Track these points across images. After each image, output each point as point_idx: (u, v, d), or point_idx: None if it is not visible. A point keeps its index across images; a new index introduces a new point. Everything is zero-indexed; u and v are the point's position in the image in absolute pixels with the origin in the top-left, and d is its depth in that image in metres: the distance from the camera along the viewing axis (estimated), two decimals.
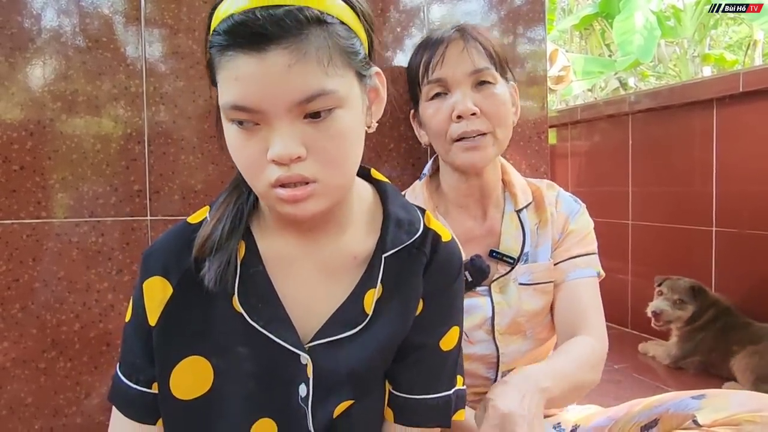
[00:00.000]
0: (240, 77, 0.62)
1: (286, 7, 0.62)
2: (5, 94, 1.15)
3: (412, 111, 1.18)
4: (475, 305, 1.06)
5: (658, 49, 7.03)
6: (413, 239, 0.77)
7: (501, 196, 1.13)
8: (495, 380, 1.07)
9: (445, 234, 0.81)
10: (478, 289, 1.07)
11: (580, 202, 1.15)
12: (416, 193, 1.14)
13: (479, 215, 1.12)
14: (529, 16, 1.46)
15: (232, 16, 0.63)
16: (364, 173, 0.83)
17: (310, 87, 0.63)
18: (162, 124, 1.23)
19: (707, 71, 7.03)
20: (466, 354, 1.04)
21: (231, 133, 0.67)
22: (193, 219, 0.78)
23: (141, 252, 1.23)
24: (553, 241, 1.11)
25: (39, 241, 1.18)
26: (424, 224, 0.79)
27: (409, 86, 1.17)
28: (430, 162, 1.18)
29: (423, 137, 1.16)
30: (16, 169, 1.16)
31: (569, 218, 1.12)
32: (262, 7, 0.62)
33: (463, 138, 1.04)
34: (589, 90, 7.80)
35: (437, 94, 1.07)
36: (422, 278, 0.78)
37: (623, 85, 7.84)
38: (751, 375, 1.94)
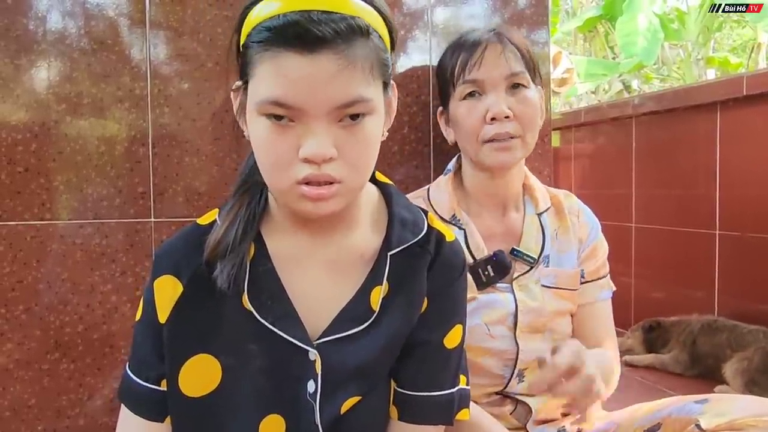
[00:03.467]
0: (287, 75, 0.65)
1: (341, 14, 0.65)
2: (10, 96, 1.16)
3: (440, 109, 1.20)
4: (497, 300, 1.07)
5: (662, 52, 7.02)
6: (418, 238, 0.79)
7: (521, 199, 1.15)
8: (510, 379, 1.08)
9: (449, 234, 0.83)
10: (500, 285, 1.08)
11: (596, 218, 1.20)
12: (440, 188, 1.15)
13: (499, 215, 1.13)
14: (533, 18, 1.46)
15: (285, 14, 0.65)
16: None
17: (352, 93, 0.66)
18: (166, 126, 1.24)
19: (711, 74, 7.02)
20: (485, 348, 1.06)
21: (261, 126, 0.69)
22: (203, 220, 0.80)
23: (145, 254, 1.24)
24: (577, 250, 1.14)
25: (43, 242, 1.18)
26: (428, 224, 0.82)
27: (439, 84, 1.18)
28: (454, 159, 1.20)
29: (450, 135, 1.17)
30: (20, 170, 1.17)
31: (591, 231, 1.16)
32: (320, 11, 0.64)
33: (494, 140, 1.06)
34: (593, 92, 7.79)
35: (470, 94, 1.09)
36: (426, 276, 0.79)
37: (627, 87, 7.84)
38: (741, 379, 1.98)
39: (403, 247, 0.78)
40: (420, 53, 1.37)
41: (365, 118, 0.69)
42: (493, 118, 1.05)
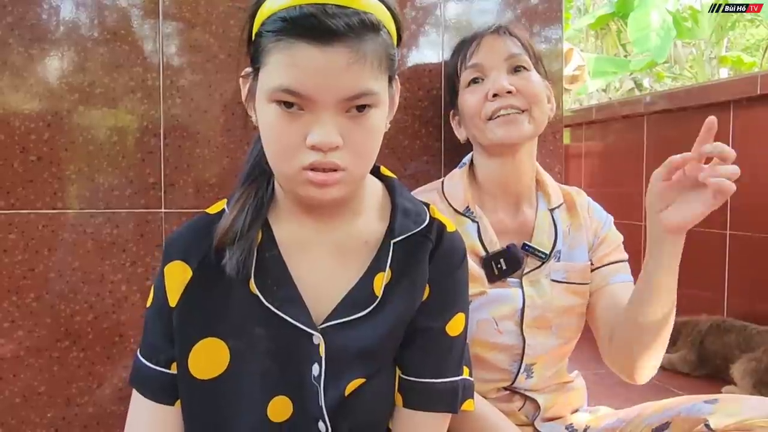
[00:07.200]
0: (300, 64, 0.67)
1: (354, 9, 0.68)
2: (24, 85, 1.16)
3: (452, 111, 1.20)
4: (506, 295, 1.07)
5: (674, 50, 6.97)
6: (420, 227, 0.82)
7: (534, 194, 1.15)
8: (517, 374, 1.08)
9: (450, 225, 0.86)
10: (510, 280, 1.08)
11: (607, 213, 1.19)
12: (455, 180, 1.15)
13: (512, 209, 1.13)
14: (546, 15, 1.45)
15: (300, 5, 0.67)
16: (373, 169, 0.87)
17: (361, 86, 0.69)
18: (178, 117, 1.24)
19: (724, 73, 6.97)
20: (492, 343, 1.06)
21: (271, 113, 0.71)
22: (212, 210, 0.83)
23: (155, 244, 1.25)
24: (588, 245, 1.13)
25: (54, 231, 1.19)
26: (430, 215, 0.85)
27: (447, 85, 1.19)
28: (469, 154, 1.19)
29: (461, 133, 1.17)
30: (33, 159, 1.17)
31: (602, 225, 1.15)
32: (334, 5, 0.67)
33: (498, 115, 1.05)
34: (604, 90, 7.75)
35: (474, 80, 1.10)
36: (428, 264, 0.82)
37: (638, 86, 7.79)
38: (750, 380, 1.97)
39: (406, 235, 0.81)
40: (432, 48, 1.37)
41: (371, 110, 0.71)
42: (495, 95, 1.05)
